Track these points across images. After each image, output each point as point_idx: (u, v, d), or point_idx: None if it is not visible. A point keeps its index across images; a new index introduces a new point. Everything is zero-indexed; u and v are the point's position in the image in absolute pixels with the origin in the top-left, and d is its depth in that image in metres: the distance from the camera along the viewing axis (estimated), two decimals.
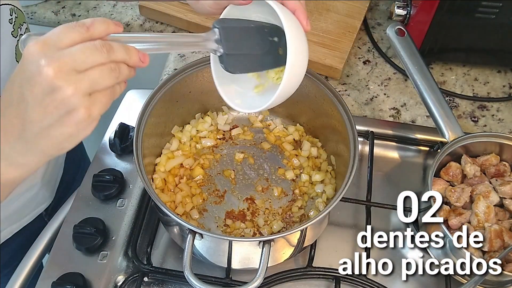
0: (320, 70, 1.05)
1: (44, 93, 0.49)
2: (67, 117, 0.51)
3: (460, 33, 1.03)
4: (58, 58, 0.48)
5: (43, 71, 0.48)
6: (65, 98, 0.49)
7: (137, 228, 0.85)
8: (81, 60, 0.49)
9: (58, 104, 0.50)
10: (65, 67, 0.49)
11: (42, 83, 0.49)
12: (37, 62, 0.48)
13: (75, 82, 0.49)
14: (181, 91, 0.87)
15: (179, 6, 1.12)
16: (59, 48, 0.49)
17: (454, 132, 0.85)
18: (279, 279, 0.82)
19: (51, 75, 0.48)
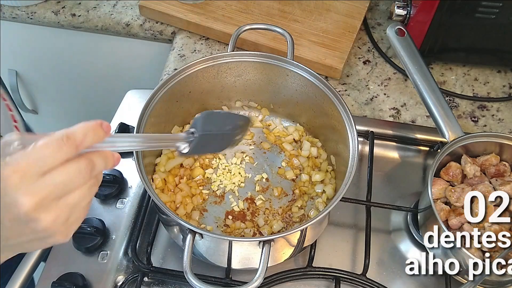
0: (320, 70, 1.05)
1: (20, 223, 0.47)
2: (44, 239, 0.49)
3: (460, 33, 1.03)
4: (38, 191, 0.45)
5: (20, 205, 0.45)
6: (43, 228, 0.47)
7: (137, 228, 0.85)
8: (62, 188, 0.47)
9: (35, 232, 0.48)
10: (45, 201, 0.46)
11: (19, 215, 0.46)
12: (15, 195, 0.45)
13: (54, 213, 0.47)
14: (181, 91, 0.87)
15: (179, 6, 1.13)
16: (40, 174, 0.46)
17: (454, 132, 0.85)
18: (279, 279, 0.82)
19: (29, 209, 0.45)
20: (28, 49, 1.35)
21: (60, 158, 0.46)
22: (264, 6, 1.13)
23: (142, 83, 1.28)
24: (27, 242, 0.50)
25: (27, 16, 1.19)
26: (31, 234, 0.48)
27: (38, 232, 0.48)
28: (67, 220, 0.49)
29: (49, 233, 0.48)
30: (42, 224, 0.47)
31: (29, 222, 0.46)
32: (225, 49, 1.11)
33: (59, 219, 0.48)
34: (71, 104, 1.53)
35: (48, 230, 0.47)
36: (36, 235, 0.48)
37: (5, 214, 0.46)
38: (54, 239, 0.49)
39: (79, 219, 0.51)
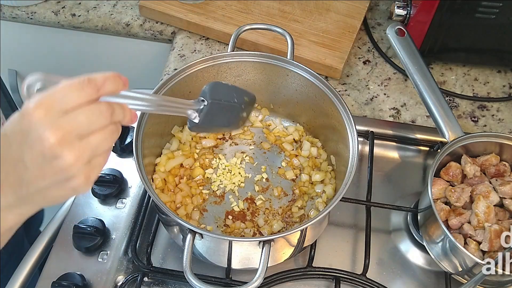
0: (320, 70, 1.05)
1: (44, 160, 0.48)
2: (65, 183, 0.50)
3: (460, 33, 1.03)
4: (62, 126, 0.47)
5: (45, 139, 0.47)
6: (66, 167, 0.48)
7: (137, 228, 0.85)
8: (85, 126, 0.48)
9: (58, 172, 0.49)
10: (69, 136, 0.47)
11: (43, 150, 0.47)
12: (40, 129, 0.46)
13: (78, 151, 0.48)
14: (181, 91, 0.87)
15: (179, 6, 1.13)
16: (64, 111, 0.47)
17: (454, 132, 0.84)
18: (279, 279, 0.82)
19: (53, 144, 0.47)
20: (28, 49, 1.35)
21: (83, 98, 0.48)
22: (264, 6, 1.13)
23: (142, 83, 1.28)
24: (48, 187, 0.50)
25: (27, 16, 1.19)
26: (53, 175, 0.49)
27: (60, 171, 0.48)
28: (89, 162, 0.50)
29: (71, 173, 0.49)
30: (65, 160, 0.47)
31: (53, 159, 0.47)
32: (225, 49, 1.11)
33: (81, 158, 0.48)
34: None
35: (70, 169, 0.48)
36: (58, 176, 0.49)
37: (29, 152, 0.47)
38: (75, 183, 0.50)
39: (100, 164, 0.52)
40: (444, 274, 0.83)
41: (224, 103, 0.65)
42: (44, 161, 0.48)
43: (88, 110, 0.48)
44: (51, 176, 0.49)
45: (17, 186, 0.50)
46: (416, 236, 0.87)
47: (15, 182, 0.50)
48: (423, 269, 0.86)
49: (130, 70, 1.33)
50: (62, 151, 0.47)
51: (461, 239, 0.79)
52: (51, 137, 0.46)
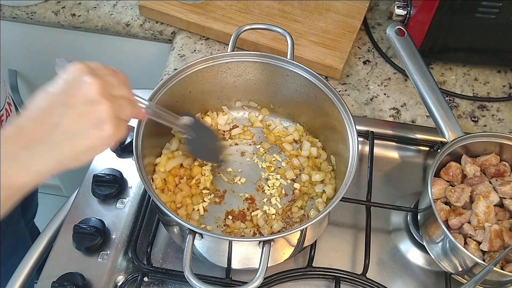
0: (320, 70, 1.05)
1: (83, 102, 0.54)
2: (96, 129, 0.55)
3: (460, 33, 1.03)
4: (102, 79, 0.56)
5: (89, 83, 0.54)
6: (101, 112, 0.55)
7: (137, 228, 0.85)
8: (116, 86, 0.57)
9: (93, 116, 0.55)
10: (106, 87, 0.55)
11: (85, 93, 0.54)
12: (83, 76, 0.55)
13: (112, 101, 0.55)
14: (181, 91, 0.87)
15: (179, 6, 1.13)
16: (98, 73, 0.57)
17: (454, 132, 0.84)
18: (279, 279, 0.82)
19: (95, 89, 0.54)
20: (28, 49, 1.35)
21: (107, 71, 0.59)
22: (264, 6, 1.13)
23: (142, 83, 1.27)
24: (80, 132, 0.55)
25: (27, 16, 1.19)
26: (88, 118, 0.54)
27: (95, 115, 0.54)
28: (119, 115, 0.57)
29: (104, 120, 0.55)
30: (103, 106, 0.54)
31: (93, 103, 0.54)
32: (225, 49, 1.11)
33: (114, 111, 0.55)
34: None
35: (105, 116, 0.55)
36: (93, 121, 0.55)
37: (72, 96, 0.54)
38: (106, 131, 0.55)
39: (124, 127, 0.58)
40: (444, 274, 0.83)
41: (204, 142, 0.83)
42: (82, 104, 0.54)
43: (116, 77, 0.58)
44: (86, 119, 0.54)
45: (48, 133, 0.54)
46: (416, 236, 0.87)
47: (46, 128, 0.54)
48: (423, 269, 0.86)
49: (130, 70, 1.33)
50: (102, 99, 0.54)
51: (461, 239, 0.79)
52: (93, 83, 0.54)
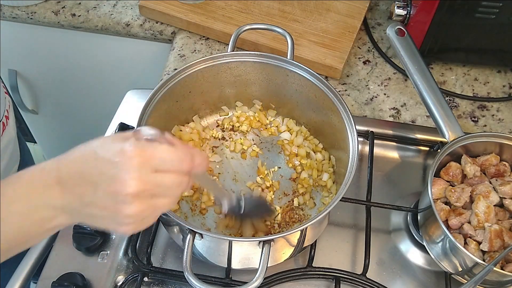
0: (320, 70, 1.05)
1: (113, 199, 0.51)
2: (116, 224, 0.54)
3: (460, 33, 1.03)
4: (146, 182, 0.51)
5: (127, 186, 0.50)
6: (126, 215, 0.52)
7: None
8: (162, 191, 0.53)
9: (117, 214, 0.52)
10: (147, 193, 0.52)
11: (119, 192, 0.51)
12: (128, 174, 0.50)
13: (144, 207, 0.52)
14: (181, 91, 0.87)
15: (179, 6, 1.13)
16: (155, 170, 0.52)
17: (454, 132, 0.84)
18: (279, 279, 0.82)
19: (130, 193, 0.50)
20: (28, 49, 1.35)
21: (176, 168, 0.53)
22: (264, 6, 1.13)
23: (142, 83, 1.28)
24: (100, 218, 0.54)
25: (27, 16, 1.19)
26: (111, 213, 0.53)
27: (119, 215, 0.52)
28: (143, 219, 0.54)
29: (126, 221, 0.53)
30: (129, 210, 0.52)
31: (121, 203, 0.51)
32: (225, 49, 1.11)
33: (140, 215, 0.53)
34: (71, 104, 1.53)
35: (128, 218, 0.52)
36: (115, 217, 0.53)
37: (107, 184, 0.51)
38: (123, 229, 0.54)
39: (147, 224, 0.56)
40: (444, 274, 0.83)
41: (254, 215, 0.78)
42: (112, 200, 0.52)
43: (172, 179, 0.53)
44: (110, 213, 0.53)
45: (77, 200, 0.53)
46: (416, 236, 0.87)
47: (78, 196, 0.53)
48: (423, 269, 0.86)
49: (130, 70, 1.33)
50: (132, 202, 0.51)
51: (461, 239, 0.79)
52: (132, 187, 0.50)
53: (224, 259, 0.77)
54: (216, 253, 0.79)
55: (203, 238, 0.70)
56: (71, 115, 1.57)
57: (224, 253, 0.76)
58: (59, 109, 1.58)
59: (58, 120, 1.62)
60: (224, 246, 0.74)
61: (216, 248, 0.78)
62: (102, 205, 0.53)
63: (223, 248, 0.76)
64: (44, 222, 0.55)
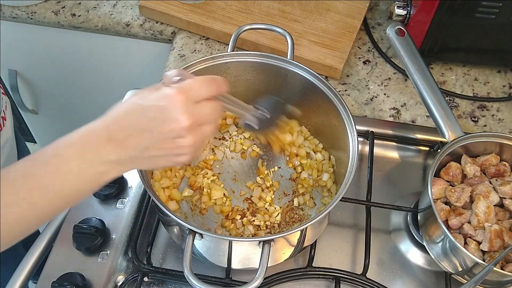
0: (320, 70, 1.05)
1: (170, 136, 0.58)
2: (175, 157, 0.61)
3: (460, 33, 1.03)
4: (194, 114, 0.58)
5: (181, 121, 0.57)
6: (184, 146, 0.59)
7: (137, 228, 0.85)
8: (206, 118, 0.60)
9: (175, 148, 0.59)
10: (196, 123, 0.58)
11: (174, 129, 0.57)
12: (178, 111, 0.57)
13: (196, 136, 0.59)
14: None
15: (179, 6, 1.13)
16: (196, 101, 0.58)
17: (454, 132, 0.84)
18: (279, 279, 0.82)
19: (185, 126, 0.57)
20: (28, 49, 1.35)
21: (210, 92, 0.60)
22: (264, 6, 1.13)
23: (142, 83, 1.28)
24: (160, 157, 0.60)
25: (27, 16, 1.19)
26: (171, 149, 0.59)
27: (178, 148, 0.59)
28: (197, 147, 0.61)
29: (184, 151, 0.60)
30: (186, 141, 0.59)
31: (178, 137, 0.58)
32: (225, 49, 1.11)
33: (195, 143, 0.60)
34: (71, 104, 1.53)
35: (186, 148, 0.59)
36: (174, 151, 0.60)
37: (161, 125, 0.57)
38: (182, 159, 0.61)
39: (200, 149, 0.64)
40: (444, 274, 0.84)
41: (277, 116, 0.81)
42: (169, 138, 0.58)
43: (210, 105, 0.60)
44: (169, 149, 0.59)
45: (133, 149, 0.58)
46: (416, 236, 0.87)
47: (133, 146, 0.58)
48: (423, 269, 0.86)
49: (130, 70, 1.33)
50: (187, 134, 0.58)
51: (461, 239, 0.79)
52: (185, 121, 0.57)
53: (224, 259, 0.77)
54: (216, 253, 0.79)
55: (203, 238, 0.70)
56: (71, 115, 1.57)
57: (224, 253, 0.76)
58: (59, 109, 1.58)
59: (58, 120, 1.62)
60: (224, 246, 0.74)
61: (216, 248, 0.78)
62: (161, 145, 0.58)
63: (223, 248, 0.76)
64: (100, 176, 0.59)
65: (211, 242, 0.76)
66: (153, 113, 0.57)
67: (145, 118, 0.58)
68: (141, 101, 0.58)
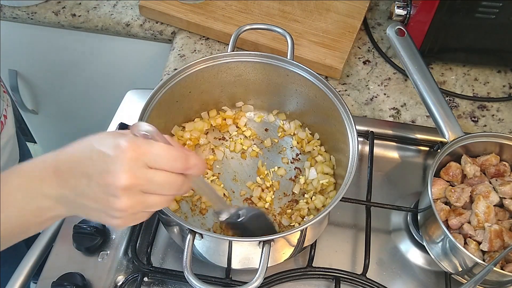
0: (320, 70, 1.05)
1: (104, 191, 0.52)
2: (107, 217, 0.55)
3: (460, 33, 1.03)
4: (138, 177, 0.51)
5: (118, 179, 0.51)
6: (116, 208, 0.53)
7: (137, 228, 0.85)
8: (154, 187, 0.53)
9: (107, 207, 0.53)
10: (136, 188, 0.52)
11: (110, 185, 0.51)
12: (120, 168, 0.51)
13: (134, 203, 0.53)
14: (181, 91, 0.87)
15: (179, 6, 1.13)
16: (148, 166, 0.52)
17: (454, 132, 0.84)
18: (279, 279, 0.82)
19: (121, 186, 0.51)
20: (28, 49, 1.35)
21: (170, 167, 0.53)
22: (264, 6, 1.13)
23: (142, 83, 1.28)
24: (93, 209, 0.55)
25: (27, 16, 1.19)
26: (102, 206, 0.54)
27: (110, 208, 0.53)
28: (135, 215, 0.55)
29: (116, 215, 0.54)
30: (119, 204, 0.52)
31: (112, 196, 0.52)
32: (225, 49, 1.11)
33: (132, 210, 0.53)
34: (71, 104, 1.53)
35: (118, 212, 0.53)
36: (105, 209, 0.54)
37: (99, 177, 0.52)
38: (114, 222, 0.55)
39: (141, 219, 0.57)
40: (444, 274, 0.83)
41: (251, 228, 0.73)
42: (104, 192, 0.52)
43: (165, 177, 0.53)
44: (101, 205, 0.54)
45: (71, 190, 0.54)
46: (416, 236, 0.87)
47: (72, 186, 0.54)
48: (423, 269, 0.86)
49: (130, 70, 1.33)
50: (122, 196, 0.52)
51: (461, 239, 0.79)
52: (123, 180, 0.51)
53: (224, 259, 0.77)
54: (216, 253, 0.79)
55: (203, 238, 0.70)
56: (71, 115, 1.57)
57: (224, 253, 0.76)
58: (59, 109, 1.58)
59: (58, 120, 1.62)
60: (224, 246, 0.74)
61: (216, 248, 0.78)
62: (94, 197, 0.53)
63: (223, 248, 0.76)
64: (41, 212, 0.56)
65: (211, 242, 0.76)
66: (98, 160, 0.52)
67: (89, 161, 0.53)
68: (95, 143, 0.54)
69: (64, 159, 0.55)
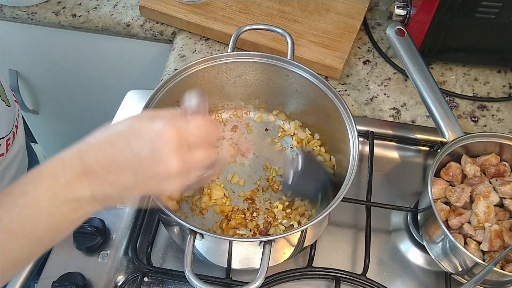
0: (320, 70, 1.05)
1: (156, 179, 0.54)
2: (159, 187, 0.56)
3: (460, 33, 1.03)
4: (185, 161, 0.54)
5: (171, 166, 0.53)
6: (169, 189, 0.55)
7: (137, 228, 0.85)
8: (195, 166, 0.56)
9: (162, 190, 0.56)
10: (185, 170, 0.54)
11: (162, 172, 0.53)
12: (169, 153, 0.52)
13: (182, 181, 0.55)
14: (181, 91, 0.86)
15: (179, 6, 1.13)
16: (189, 147, 0.54)
17: (454, 132, 0.85)
18: (279, 279, 0.82)
19: (174, 172, 0.53)
20: (29, 49, 1.35)
21: (207, 140, 0.56)
22: (264, 6, 1.13)
23: (142, 83, 1.28)
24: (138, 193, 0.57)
25: (27, 17, 1.19)
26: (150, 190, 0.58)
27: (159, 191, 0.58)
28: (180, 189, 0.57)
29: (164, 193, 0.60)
30: (172, 187, 0.55)
31: (165, 182, 0.54)
32: (225, 50, 1.11)
33: (180, 188, 0.56)
34: (71, 104, 1.53)
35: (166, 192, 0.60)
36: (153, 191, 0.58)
37: (148, 168, 0.53)
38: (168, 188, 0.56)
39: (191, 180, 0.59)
40: (444, 274, 0.84)
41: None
42: (156, 180, 0.54)
43: (205, 154, 0.56)
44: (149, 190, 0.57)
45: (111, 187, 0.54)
46: (416, 236, 0.87)
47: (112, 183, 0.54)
48: (423, 269, 0.86)
49: (131, 70, 1.33)
50: (175, 180, 0.54)
51: (461, 239, 0.79)
52: (175, 167, 0.53)
53: (224, 259, 0.77)
54: (216, 253, 0.79)
55: (204, 238, 0.70)
56: (71, 115, 1.57)
57: (224, 253, 0.76)
58: (59, 109, 1.58)
59: (58, 120, 1.62)
60: (225, 246, 0.75)
61: (216, 248, 0.78)
62: (144, 187, 0.55)
63: (223, 248, 0.76)
64: (73, 214, 0.55)
65: (211, 242, 0.76)
66: (142, 151, 0.52)
67: (130, 154, 0.53)
68: (128, 134, 0.54)
69: (93, 159, 0.53)
